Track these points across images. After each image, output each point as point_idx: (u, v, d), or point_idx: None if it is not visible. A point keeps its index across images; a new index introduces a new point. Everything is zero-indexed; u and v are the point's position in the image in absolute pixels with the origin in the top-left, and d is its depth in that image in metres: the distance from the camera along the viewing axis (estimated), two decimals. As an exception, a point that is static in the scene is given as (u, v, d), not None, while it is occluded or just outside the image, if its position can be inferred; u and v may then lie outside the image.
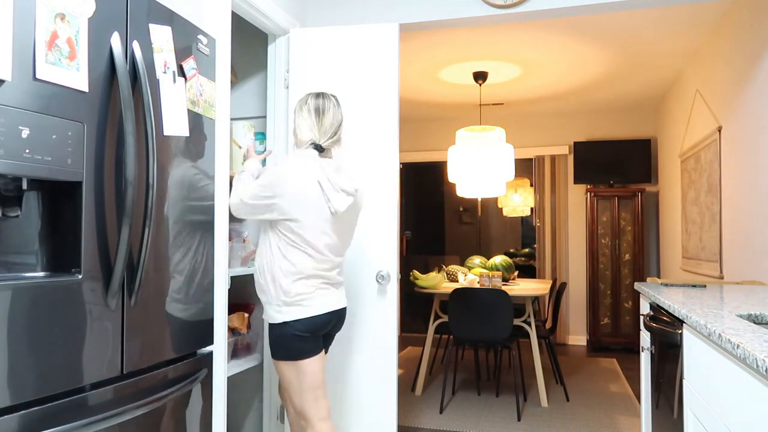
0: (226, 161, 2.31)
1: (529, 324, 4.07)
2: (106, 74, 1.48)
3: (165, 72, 1.69)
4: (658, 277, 5.88)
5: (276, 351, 2.10)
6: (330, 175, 2.09)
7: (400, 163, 7.01)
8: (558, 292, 4.56)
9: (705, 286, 2.30)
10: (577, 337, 6.39)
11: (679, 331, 1.71)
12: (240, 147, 2.81)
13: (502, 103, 6.01)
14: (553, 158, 6.49)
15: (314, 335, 2.11)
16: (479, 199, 7.16)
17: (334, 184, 2.09)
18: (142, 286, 1.61)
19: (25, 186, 1.34)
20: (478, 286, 4.32)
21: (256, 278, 2.18)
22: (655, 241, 6.16)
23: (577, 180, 6.21)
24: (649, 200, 6.21)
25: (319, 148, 2.14)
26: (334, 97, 2.21)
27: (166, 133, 1.70)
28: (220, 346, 2.25)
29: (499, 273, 4.34)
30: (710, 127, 4.04)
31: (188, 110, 1.81)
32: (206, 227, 1.93)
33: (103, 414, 1.41)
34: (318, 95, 2.19)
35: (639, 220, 5.87)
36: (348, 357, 2.83)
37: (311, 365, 2.11)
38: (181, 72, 1.78)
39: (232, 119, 3.16)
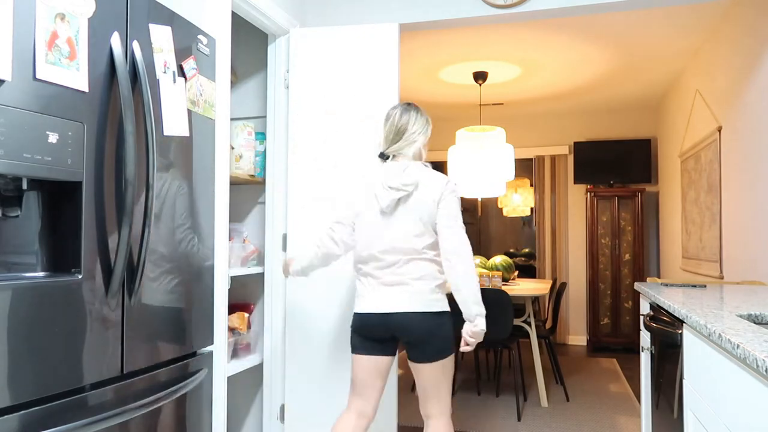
0: (226, 161, 2.31)
1: (529, 324, 4.06)
2: (106, 74, 1.48)
3: (165, 72, 1.69)
4: (658, 277, 5.88)
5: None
6: (384, 175, 2.15)
7: (400, 163, 6.99)
8: (558, 292, 4.56)
9: (705, 286, 2.30)
10: (577, 337, 6.39)
11: (679, 331, 1.71)
12: (233, 148, 2.81)
13: (502, 103, 6.01)
14: (553, 158, 6.49)
15: (358, 333, 2.18)
16: (479, 199, 7.15)
17: (384, 182, 2.14)
18: (142, 286, 1.61)
19: (25, 186, 1.34)
20: (478, 286, 4.31)
21: None
22: (655, 241, 6.16)
23: (577, 180, 6.21)
24: (649, 200, 6.21)
25: (383, 156, 2.22)
26: (402, 106, 2.23)
27: (166, 133, 1.70)
28: (220, 346, 2.25)
29: (499, 273, 4.34)
30: (710, 127, 4.04)
31: (188, 110, 1.81)
32: (206, 227, 1.93)
33: (103, 414, 1.41)
34: (394, 107, 2.25)
35: (639, 220, 5.87)
36: (348, 357, 2.82)
37: (356, 361, 2.20)
38: (181, 72, 1.78)
39: (231, 119, 3.16)
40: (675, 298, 1.87)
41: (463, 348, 2.11)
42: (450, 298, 2.19)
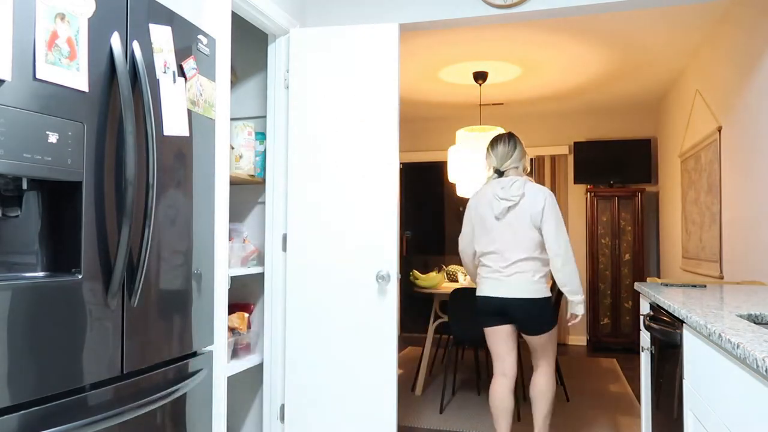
0: (226, 161, 2.31)
1: (529, 324, 4.06)
2: (106, 74, 1.48)
3: (165, 72, 1.69)
4: (658, 277, 5.88)
5: None
6: (495, 188, 2.78)
7: (400, 163, 7.01)
8: (558, 292, 4.55)
9: (705, 286, 2.30)
10: (577, 337, 6.39)
11: (679, 331, 1.71)
12: (233, 148, 2.81)
13: (502, 103, 6.01)
14: (553, 158, 6.49)
15: (483, 312, 2.81)
16: (479, 199, 7.15)
17: (496, 194, 2.77)
18: (142, 286, 1.61)
19: (25, 186, 1.34)
20: (478, 286, 4.32)
21: None
22: (655, 241, 6.16)
23: (577, 180, 6.21)
24: (649, 200, 6.21)
25: (498, 172, 2.87)
26: (507, 134, 2.91)
27: (166, 133, 1.70)
28: (220, 346, 2.25)
29: (499, 273, 4.33)
30: (710, 127, 4.04)
31: (188, 110, 1.81)
32: (206, 227, 1.93)
33: (103, 414, 1.41)
34: (499, 135, 2.92)
35: (639, 220, 5.87)
36: (348, 357, 2.83)
37: (488, 334, 2.86)
38: (181, 72, 1.78)
39: (231, 119, 3.16)
40: (675, 298, 1.87)
41: (571, 323, 2.79)
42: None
